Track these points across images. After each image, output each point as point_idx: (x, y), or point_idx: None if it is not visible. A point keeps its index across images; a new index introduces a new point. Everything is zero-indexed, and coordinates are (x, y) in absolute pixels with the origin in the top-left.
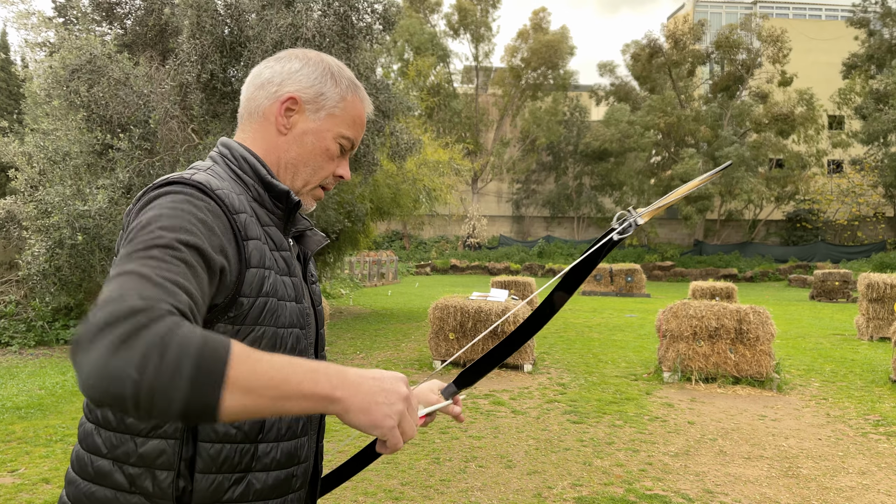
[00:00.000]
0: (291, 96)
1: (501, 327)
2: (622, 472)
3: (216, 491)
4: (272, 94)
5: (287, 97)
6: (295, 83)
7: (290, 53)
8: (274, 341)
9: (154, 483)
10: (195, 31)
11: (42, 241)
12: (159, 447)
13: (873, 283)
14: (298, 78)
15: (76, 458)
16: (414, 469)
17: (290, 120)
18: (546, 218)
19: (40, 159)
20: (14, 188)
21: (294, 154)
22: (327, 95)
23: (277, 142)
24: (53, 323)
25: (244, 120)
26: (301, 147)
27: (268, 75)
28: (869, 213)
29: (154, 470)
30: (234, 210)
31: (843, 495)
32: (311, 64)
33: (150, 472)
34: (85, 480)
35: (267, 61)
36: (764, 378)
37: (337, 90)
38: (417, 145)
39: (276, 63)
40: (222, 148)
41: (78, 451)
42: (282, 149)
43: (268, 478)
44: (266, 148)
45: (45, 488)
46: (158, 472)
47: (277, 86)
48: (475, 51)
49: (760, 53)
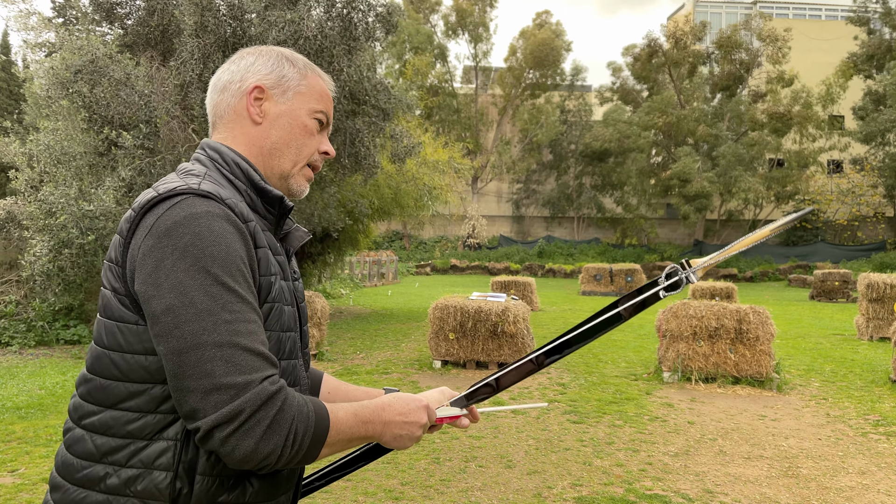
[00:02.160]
0: (256, 85)
1: (501, 327)
2: (622, 471)
3: (215, 493)
4: (237, 91)
5: (252, 87)
6: (255, 74)
7: (240, 53)
8: (277, 346)
9: (151, 484)
10: (198, 31)
11: (44, 242)
12: (161, 448)
13: (873, 283)
14: (257, 69)
15: (62, 464)
16: (414, 469)
17: (261, 108)
18: (546, 218)
19: (45, 159)
20: (14, 188)
21: (274, 138)
22: (288, 77)
23: (255, 132)
24: (54, 323)
25: (218, 124)
26: (279, 130)
27: (227, 78)
28: (869, 213)
29: (153, 471)
30: (245, 219)
31: (843, 495)
32: (264, 54)
33: (149, 473)
34: (74, 486)
35: (221, 68)
36: (764, 378)
37: (295, 70)
38: (417, 148)
39: (231, 65)
40: (210, 152)
41: (64, 457)
42: (261, 137)
43: (262, 482)
44: (246, 142)
45: (45, 488)
46: (157, 474)
47: (239, 82)
48: (474, 51)
49: (760, 53)
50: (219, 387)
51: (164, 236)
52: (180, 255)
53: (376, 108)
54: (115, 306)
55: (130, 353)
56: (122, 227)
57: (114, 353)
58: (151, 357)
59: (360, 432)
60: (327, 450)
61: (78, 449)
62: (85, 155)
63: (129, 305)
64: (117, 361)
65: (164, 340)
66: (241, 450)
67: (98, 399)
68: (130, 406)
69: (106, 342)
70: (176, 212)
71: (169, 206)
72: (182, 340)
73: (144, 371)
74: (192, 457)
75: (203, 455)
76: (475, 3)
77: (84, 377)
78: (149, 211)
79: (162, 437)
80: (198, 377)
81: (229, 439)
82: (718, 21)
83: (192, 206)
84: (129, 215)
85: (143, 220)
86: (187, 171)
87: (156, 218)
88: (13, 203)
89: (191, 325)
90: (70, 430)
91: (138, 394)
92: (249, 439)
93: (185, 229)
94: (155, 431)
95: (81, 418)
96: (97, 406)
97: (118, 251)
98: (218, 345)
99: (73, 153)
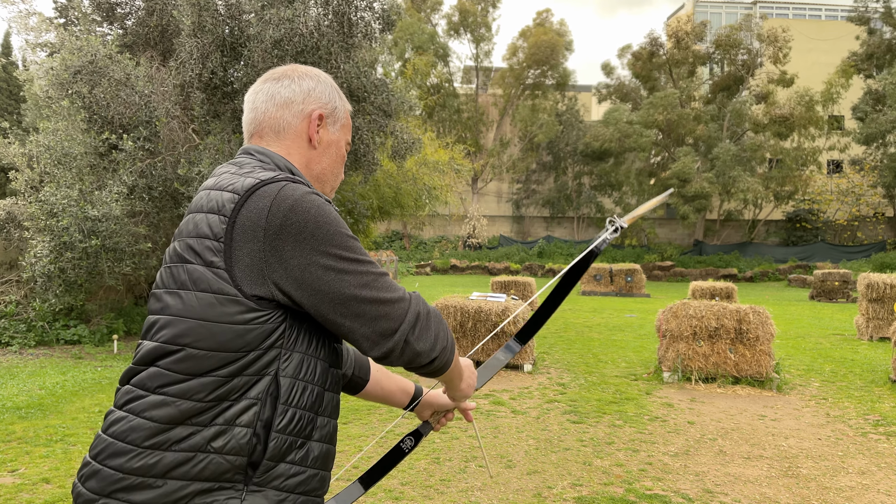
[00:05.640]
0: (321, 113)
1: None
2: (622, 471)
3: (285, 452)
4: (299, 112)
5: (318, 114)
6: (316, 101)
7: (295, 72)
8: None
9: (233, 440)
10: (196, 31)
11: (45, 242)
12: (244, 406)
13: (873, 283)
14: (318, 95)
15: (129, 430)
16: (414, 469)
17: (318, 135)
18: (546, 218)
19: (45, 160)
20: (14, 189)
21: (324, 165)
22: (339, 108)
23: (311, 155)
24: (54, 323)
25: (269, 136)
26: (328, 158)
27: (287, 95)
28: (869, 214)
29: (234, 427)
30: None
31: (843, 495)
32: (322, 82)
33: (231, 430)
34: (146, 449)
35: (276, 81)
36: (764, 378)
37: (342, 103)
38: (417, 144)
39: (290, 82)
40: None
41: (133, 423)
42: (314, 161)
43: (321, 448)
44: (302, 162)
45: (46, 488)
46: (238, 430)
47: (301, 104)
48: (475, 51)
49: (760, 54)
50: (395, 300)
51: (290, 212)
52: (315, 227)
53: (376, 106)
54: (211, 279)
55: (230, 324)
56: (222, 206)
57: (212, 323)
58: (253, 325)
59: (458, 371)
60: (449, 369)
61: (157, 414)
62: (85, 155)
63: (227, 279)
64: (216, 332)
65: (336, 293)
66: (424, 342)
67: (186, 368)
68: (222, 373)
69: (203, 314)
70: (288, 192)
71: (278, 189)
72: (352, 288)
73: (242, 340)
74: (269, 416)
75: (279, 415)
76: (478, 2)
77: (164, 350)
78: (254, 192)
79: (246, 397)
80: (378, 304)
81: (421, 337)
82: (718, 21)
83: (297, 190)
84: (229, 197)
85: (250, 201)
86: (260, 166)
87: (270, 200)
88: (13, 203)
89: (352, 275)
90: (141, 398)
91: (234, 361)
92: (430, 330)
93: (307, 204)
94: (242, 392)
95: (162, 386)
96: (185, 375)
97: (217, 228)
98: (379, 276)
99: (73, 154)
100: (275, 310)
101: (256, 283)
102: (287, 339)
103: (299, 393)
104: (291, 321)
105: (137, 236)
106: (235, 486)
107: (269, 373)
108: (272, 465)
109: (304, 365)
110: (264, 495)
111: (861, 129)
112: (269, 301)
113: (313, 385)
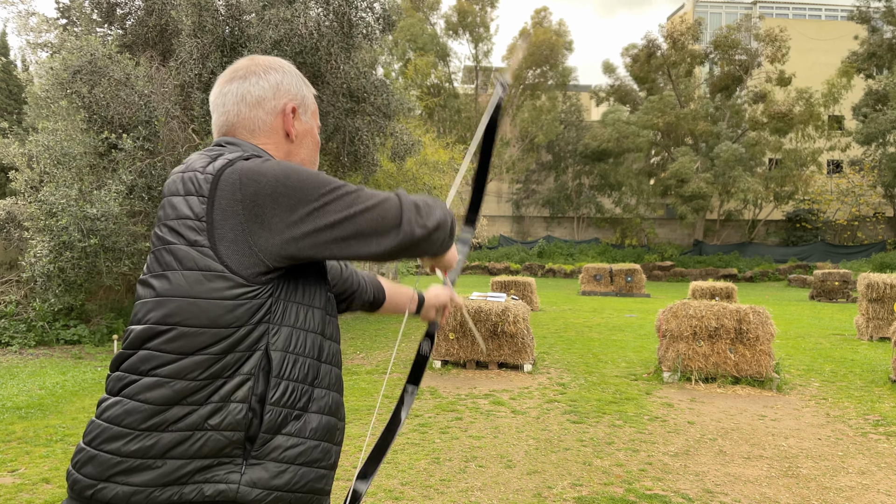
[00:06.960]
0: (293, 106)
1: (501, 327)
2: (622, 471)
3: (281, 423)
4: (272, 108)
5: (291, 107)
6: (286, 93)
7: (257, 65)
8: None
9: (230, 416)
10: (196, 31)
11: (45, 242)
12: (238, 382)
13: (873, 283)
14: (287, 88)
15: (124, 413)
16: (414, 469)
17: (295, 128)
18: (546, 218)
19: (45, 160)
20: (14, 189)
21: (303, 155)
22: (307, 97)
23: (289, 148)
24: (54, 323)
25: (246, 135)
26: (305, 148)
27: (258, 93)
28: (869, 213)
29: (230, 403)
30: None
31: (843, 495)
32: (287, 72)
33: (227, 406)
34: (143, 432)
35: (243, 80)
36: (764, 378)
37: (308, 90)
38: (417, 146)
39: (258, 79)
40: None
41: (128, 407)
42: (293, 154)
43: (321, 420)
44: (282, 156)
45: (46, 488)
46: (234, 406)
47: (273, 100)
48: (475, 51)
49: (759, 53)
50: (382, 200)
51: (260, 177)
52: (285, 180)
53: (375, 107)
54: (196, 257)
55: (219, 300)
56: (199, 187)
57: (202, 300)
58: (241, 300)
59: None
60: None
61: (152, 395)
62: (85, 155)
63: (212, 256)
64: (206, 308)
65: (328, 225)
66: (434, 218)
67: (178, 347)
68: (214, 350)
69: (191, 291)
70: (253, 163)
71: (244, 163)
72: (340, 212)
73: (231, 315)
74: (263, 390)
75: (272, 388)
76: (476, 2)
77: (154, 331)
78: (224, 171)
79: (239, 373)
80: (369, 211)
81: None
82: (718, 21)
83: (261, 159)
84: (203, 178)
85: (222, 179)
86: (230, 150)
87: (238, 173)
88: (13, 203)
89: (333, 203)
90: (135, 382)
91: (225, 337)
92: (432, 206)
93: (271, 165)
94: (235, 368)
95: (155, 368)
96: (177, 354)
97: (198, 208)
98: (357, 191)
99: (72, 153)
100: (262, 286)
101: (243, 258)
102: (273, 314)
103: (290, 365)
104: (277, 296)
105: (136, 236)
106: (234, 460)
107: (260, 348)
108: (269, 438)
109: (293, 338)
110: (264, 467)
111: (861, 129)
112: (257, 275)
113: (304, 357)
